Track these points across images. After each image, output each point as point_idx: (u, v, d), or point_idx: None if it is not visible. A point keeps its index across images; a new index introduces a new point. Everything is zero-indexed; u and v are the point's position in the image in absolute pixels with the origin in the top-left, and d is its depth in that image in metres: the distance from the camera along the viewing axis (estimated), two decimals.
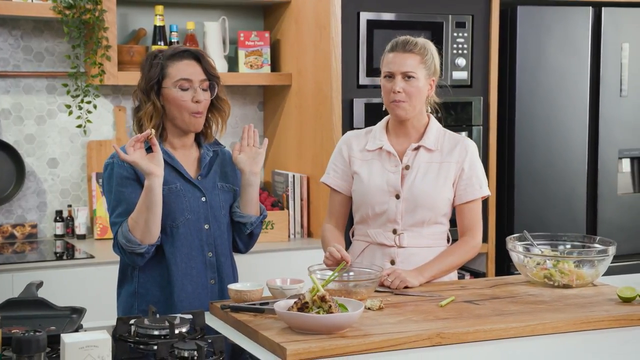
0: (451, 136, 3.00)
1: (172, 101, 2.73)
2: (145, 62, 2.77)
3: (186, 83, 2.73)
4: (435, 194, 2.91)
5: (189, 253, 2.78)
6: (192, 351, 2.10)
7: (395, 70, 2.89)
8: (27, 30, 4.22)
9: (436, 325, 2.35)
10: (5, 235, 4.20)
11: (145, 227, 2.64)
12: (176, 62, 2.74)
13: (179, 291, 2.76)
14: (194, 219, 2.79)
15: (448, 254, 2.93)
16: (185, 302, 2.75)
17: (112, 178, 2.75)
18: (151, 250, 2.70)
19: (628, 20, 4.61)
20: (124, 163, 2.71)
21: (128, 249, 2.67)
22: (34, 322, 2.23)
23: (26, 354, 1.79)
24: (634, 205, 4.71)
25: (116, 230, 2.71)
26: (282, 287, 2.62)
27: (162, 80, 2.73)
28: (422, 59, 2.90)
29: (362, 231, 3.02)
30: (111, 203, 2.75)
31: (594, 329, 2.41)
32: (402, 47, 2.90)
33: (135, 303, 2.79)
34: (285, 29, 4.46)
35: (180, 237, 2.77)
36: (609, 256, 2.85)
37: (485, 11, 4.35)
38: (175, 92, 2.73)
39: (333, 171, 3.06)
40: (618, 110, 4.62)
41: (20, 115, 4.24)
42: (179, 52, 2.76)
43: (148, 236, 2.66)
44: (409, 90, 2.89)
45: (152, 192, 2.62)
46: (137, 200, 2.69)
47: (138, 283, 2.79)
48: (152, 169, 2.60)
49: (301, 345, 2.15)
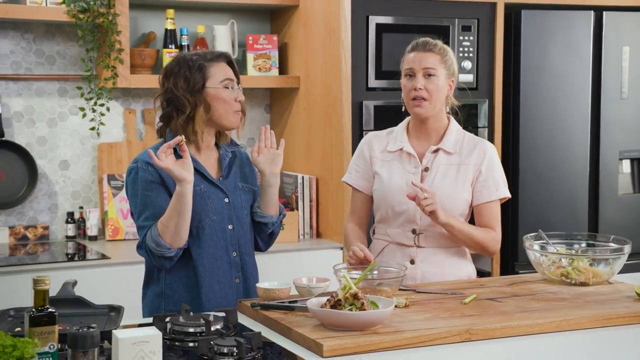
0: (470, 139, 3.05)
1: (219, 100, 2.80)
2: (180, 66, 2.80)
3: (231, 83, 2.82)
4: (453, 196, 2.97)
5: (215, 253, 2.83)
6: (232, 347, 2.16)
7: (417, 68, 2.95)
8: (39, 34, 4.26)
9: (464, 321, 2.41)
10: (18, 237, 4.24)
11: (176, 231, 2.69)
12: (216, 64, 2.82)
13: (206, 291, 2.81)
14: (218, 220, 2.84)
15: (475, 227, 2.99)
16: (213, 301, 2.80)
17: (137, 182, 2.79)
18: (179, 254, 2.75)
19: (628, 24, 4.70)
20: (149, 167, 2.76)
21: (157, 252, 2.71)
22: (73, 320, 2.27)
23: (81, 349, 1.84)
24: (634, 205, 4.80)
25: (144, 233, 2.75)
26: (309, 285, 2.67)
27: (205, 81, 2.79)
28: (442, 59, 2.97)
29: (382, 230, 3.08)
30: (137, 207, 2.79)
31: (616, 325, 2.49)
32: (423, 47, 2.97)
33: (162, 304, 2.83)
34: (294, 32, 4.52)
35: (206, 238, 2.81)
36: (624, 254, 2.93)
37: (490, 15, 4.44)
38: (222, 91, 2.80)
39: (355, 171, 3.12)
40: (619, 112, 4.71)
41: (32, 118, 4.28)
42: (217, 55, 2.84)
43: (178, 240, 2.71)
44: (430, 88, 2.94)
45: (184, 198, 2.67)
46: (163, 204, 2.73)
47: (165, 284, 2.83)
48: (184, 175, 2.64)
49: (336, 342, 2.21)
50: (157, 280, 2.86)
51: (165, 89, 2.82)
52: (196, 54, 2.85)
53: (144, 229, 2.75)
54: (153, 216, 2.74)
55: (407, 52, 3.01)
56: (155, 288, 2.86)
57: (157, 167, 2.65)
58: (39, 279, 1.89)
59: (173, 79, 2.81)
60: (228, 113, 2.82)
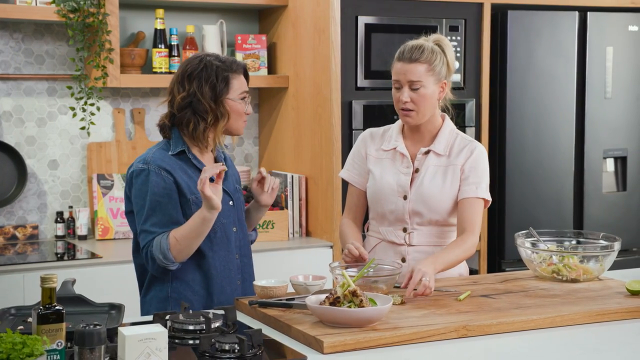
0: (462, 139, 3.05)
1: (235, 111, 2.82)
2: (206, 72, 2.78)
3: (246, 95, 2.86)
4: (441, 197, 2.98)
5: (226, 256, 2.85)
6: (233, 344, 2.19)
7: (402, 80, 2.93)
8: (28, 34, 4.27)
9: (460, 318, 2.45)
10: (7, 236, 4.23)
11: (188, 250, 2.71)
12: (238, 76, 2.83)
13: (219, 293, 2.83)
14: (227, 223, 2.86)
15: (455, 247, 2.90)
16: (225, 304, 2.79)
17: (147, 185, 2.74)
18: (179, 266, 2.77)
19: (612, 24, 4.76)
20: (161, 172, 2.73)
21: (161, 263, 2.70)
22: (75, 318, 2.28)
23: (88, 346, 1.86)
24: (617, 203, 4.87)
25: (148, 239, 2.72)
26: (305, 283, 2.70)
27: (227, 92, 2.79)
28: (430, 67, 2.92)
29: (374, 228, 3.10)
30: (144, 210, 2.74)
31: (609, 321, 2.54)
32: (409, 57, 2.92)
33: (169, 308, 2.80)
34: (282, 32, 4.54)
35: (218, 242, 2.83)
36: (614, 251, 2.98)
37: (477, 15, 4.48)
38: (239, 103, 2.82)
39: (351, 167, 3.14)
40: (603, 112, 4.77)
41: (21, 118, 4.28)
42: (239, 66, 2.85)
43: (185, 257, 2.73)
44: (417, 99, 2.93)
45: (209, 224, 2.68)
46: (172, 212, 2.73)
47: (171, 288, 2.81)
48: (219, 205, 2.64)
49: (336, 338, 2.24)
50: (162, 284, 2.82)
51: (188, 92, 2.78)
52: (220, 60, 2.82)
53: (149, 235, 2.72)
54: (161, 223, 2.72)
55: (396, 60, 2.96)
56: (160, 293, 2.83)
57: (202, 192, 2.61)
58: (46, 277, 1.90)
59: (197, 83, 2.77)
60: (239, 124, 2.86)
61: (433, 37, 3.01)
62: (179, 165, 2.79)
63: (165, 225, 2.72)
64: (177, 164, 2.79)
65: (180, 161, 2.81)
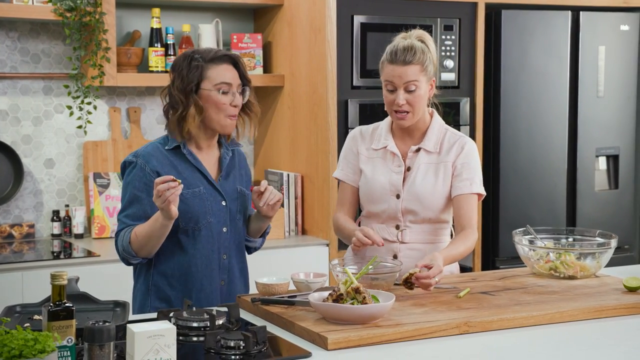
0: (452, 135, 3.05)
1: (211, 103, 2.77)
2: (181, 63, 2.78)
3: (226, 87, 2.78)
4: (433, 194, 2.99)
5: (209, 255, 2.84)
6: (238, 341, 2.20)
7: (398, 83, 2.91)
8: (24, 33, 4.27)
9: (461, 314, 2.47)
10: (4, 235, 4.24)
11: (148, 247, 2.73)
12: (216, 66, 2.77)
13: (197, 291, 2.82)
14: (215, 222, 2.84)
15: (459, 243, 2.91)
16: (203, 301, 2.81)
17: (131, 176, 2.80)
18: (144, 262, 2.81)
19: (604, 24, 4.80)
20: (146, 167, 2.77)
21: (122, 254, 2.78)
22: (81, 316, 2.29)
23: (98, 343, 1.87)
24: (609, 201, 4.91)
25: (119, 229, 2.79)
26: (307, 280, 2.72)
27: (201, 82, 2.76)
28: (422, 67, 2.92)
29: (366, 224, 3.08)
30: (124, 201, 2.81)
31: (608, 317, 2.57)
32: (403, 60, 2.90)
33: (149, 300, 2.84)
34: (278, 31, 4.56)
35: (201, 240, 2.82)
36: (610, 248, 3.01)
37: (471, 15, 4.51)
38: (215, 94, 2.76)
39: (345, 165, 3.13)
40: (595, 111, 4.81)
41: (17, 117, 4.29)
42: (220, 56, 2.79)
43: (147, 254, 2.77)
44: (412, 101, 2.93)
45: (167, 229, 2.69)
46: (147, 208, 2.75)
47: (152, 280, 2.84)
48: (176, 214, 2.63)
49: (340, 335, 2.26)
50: (145, 276, 2.86)
51: (168, 85, 2.82)
52: (199, 51, 2.81)
53: (121, 224, 2.79)
54: (134, 216, 2.77)
55: (387, 62, 2.94)
56: (142, 285, 2.87)
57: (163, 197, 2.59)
58: (56, 274, 1.92)
59: (173, 75, 2.81)
60: (220, 117, 2.79)
61: (415, 33, 2.98)
62: (171, 160, 2.80)
63: (138, 219, 2.75)
64: (168, 159, 2.80)
65: (174, 156, 2.82)
